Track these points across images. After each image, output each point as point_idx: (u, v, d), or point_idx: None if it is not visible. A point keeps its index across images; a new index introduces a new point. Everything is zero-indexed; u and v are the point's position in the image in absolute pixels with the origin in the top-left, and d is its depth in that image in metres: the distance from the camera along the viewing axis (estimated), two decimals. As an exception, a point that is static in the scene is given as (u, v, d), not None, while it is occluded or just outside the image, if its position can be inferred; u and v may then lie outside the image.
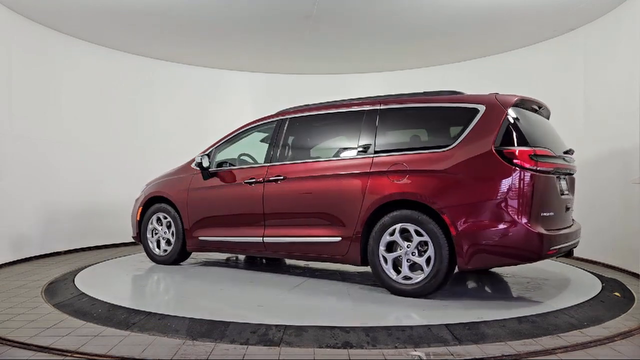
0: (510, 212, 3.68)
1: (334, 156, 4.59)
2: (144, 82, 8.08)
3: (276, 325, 3.24)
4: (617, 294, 4.30)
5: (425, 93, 4.44)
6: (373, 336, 3.08)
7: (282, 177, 4.69)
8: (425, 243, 3.91)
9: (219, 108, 8.83)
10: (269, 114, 5.28)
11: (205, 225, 5.24)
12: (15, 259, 6.05)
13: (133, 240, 7.89)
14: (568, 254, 4.33)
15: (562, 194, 4.10)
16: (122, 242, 7.76)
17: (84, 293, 4.18)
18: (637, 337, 3.20)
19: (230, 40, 7.13)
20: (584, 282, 4.72)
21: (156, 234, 5.65)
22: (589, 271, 5.30)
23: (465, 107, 4.05)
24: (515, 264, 3.86)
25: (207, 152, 5.42)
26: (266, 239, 4.78)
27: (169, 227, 5.53)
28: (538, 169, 3.74)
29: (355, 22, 6.34)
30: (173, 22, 6.40)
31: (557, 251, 3.90)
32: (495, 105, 3.96)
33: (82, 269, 5.39)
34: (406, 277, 4.00)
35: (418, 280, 3.95)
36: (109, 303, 3.81)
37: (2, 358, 2.82)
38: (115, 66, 7.68)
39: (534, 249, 3.70)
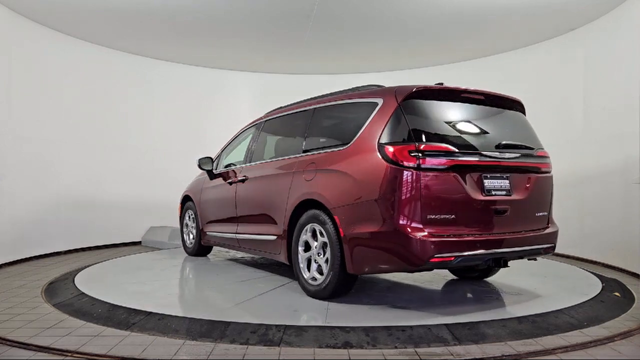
0: (388, 214, 3.38)
1: (279, 156, 4.73)
2: (144, 82, 8.08)
3: (276, 325, 3.23)
4: (617, 294, 4.30)
5: (351, 89, 4.30)
6: (373, 336, 3.08)
7: (245, 178, 5.04)
8: (327, 244, 3.81)
9: (219, 108, 8.83)
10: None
11: (209, 221, 5.79)
12: (15, 259, 6.05)
13: (133, 241, 7.95)
14: (499, 263, 3.68)
15: (488, 194, 3.58)
16: (122, 242, 7.77)
17: (84, 293, 4.18)
18: (637, 337, 3.20)
19: (230, 40, 7.14)
20: (584, 282, 4.71)
21: (187, 228, 6.41)
22: (589, 271, 5.30)
23: (368, 102, 3.86)
24: (399, 271, 3.54)
25: (218, 154, 5.89)
26: (238, 236, 5.15)
27: (194, 222, 6.23)
28: (422, 166, 3.35)
29: (355, 22, 6.34)
30: (173, 23, 6.40)
31: (453, 258, 3.36)
32: (391, 98, 3.67)
33: (82, 269, 5.39)
34: (313, 278, 3.97)
35: (319, 282, 3.89)
36: (109, 303, 3.81)
37: (2, 358, 2.82)
38: (115, 66, 7.68)
39: (411, 256, 3.31)
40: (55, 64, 6.82)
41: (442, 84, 3.95)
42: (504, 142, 3.76)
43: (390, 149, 3.43)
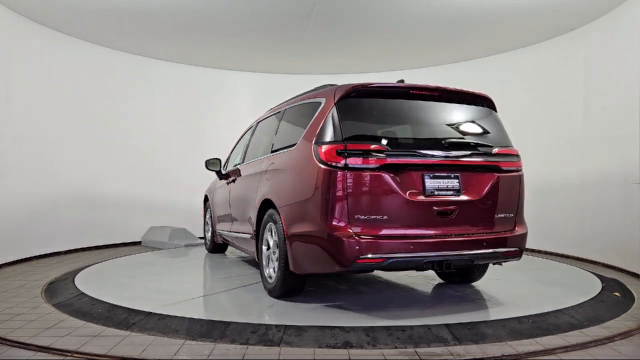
0: (319, 214, 3.37)
1: (258, 157, 4.83)
2: (145, 82, 8.08)
3: (276, 325, 3.24)
4: (617, 294, 4.30)
5: (312, 90, 4.32)
6: (373, 336, 3.08)
7: (235, 178, 5.30)
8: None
9: (219, 108, 8.84)
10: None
11: (218, 220, 6.06)
12: (15, 259, 6.05)
13: (133, 241, 7.95)
14: (443, 267, 3.47)
15: (430, 194, 3.44)
16: (122, 242, 7.76)
17: (84, 293, 4.18)
18: (637, 337, 3.20)
19: (230, 40, 7.14)
20: (584, 282, 4.71)
21: (207, 226, 6.75)
22: (589, 271, 5.30)
23: (314, 102, 3.87)
24: (333, 272, 3.46)
25: (229, 155, 6.16)
26: (231, 234, 5.37)
27: (210, 220, 6.51)
28: (350, 166, 3.30)
29: (355, 22, 6.34)
30: (173, 23, 6.40)
31: (383, 260, 3.27)
32: (330, 97, 3.64)
33: (82, 269, 5.39)
34: (269, 276, 4.05)
35: (272, 280, 3.95)
36: (109, 303, 3.81)
37: (2, 358, 2.82)
38: (115, 66, 7.68)
39: (339, 257, 3.27)
40: (55, 64, 6.82)
41: (402, 81, 3.94)
42: (450, 141, 3.59)
43: (322, 149, 3.42)
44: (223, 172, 5.90)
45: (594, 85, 6.23)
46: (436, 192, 3.47)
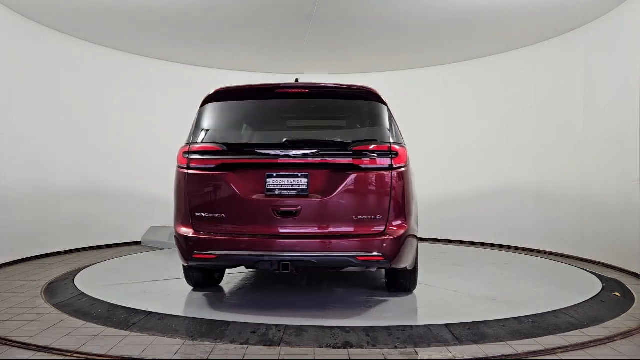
0: (174, 213, 3.67)
1: None
2: (145, 83, 8.08)
3: (276, 325, 3.24)
4: (617, 294, 4.30)
5: None
6: (373, 336, 3.08)
7: None
8: None
9: (219, 108, 8.81)
10: None
11: None
12: (15, 259, 6.05)
13: (133, 241, 7.94)
14: (286, 267, 3.36)
15: (270, 194, 3.41)
16: (122, 242, 7.76)
17: (84, 293, 4.18)
18: (637, 337, 3.20)
19: (230, 40, 7.13)
20: (584, 282, 4.72)
21: None
22: (589, 271, 5.30)
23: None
24: (186, 265, 3.85)
25: None
26: None
27: None
28: (192, 166, 3.57)
29: (355, 22, 6.34)
30: (173, 22, 6.40)
31: (214, 257, 3.40)
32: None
33: (82, 269, 5.40)
34: None
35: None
36: (109, 303, 3.82)
37: (2, 358, 2.82)
38: (116, 66, 7.67)
39: (182, 252, 3.57)
40: (56, 64, 6.82)
41: (297, 80, 3.99)
42: (297, 139, 3.54)
43: (179, 152, 3.72)
44: None
45: (594, 86, 6.22)
46: (278, 192, 3.42)
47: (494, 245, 7.60)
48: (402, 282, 4.11)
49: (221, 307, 3.81)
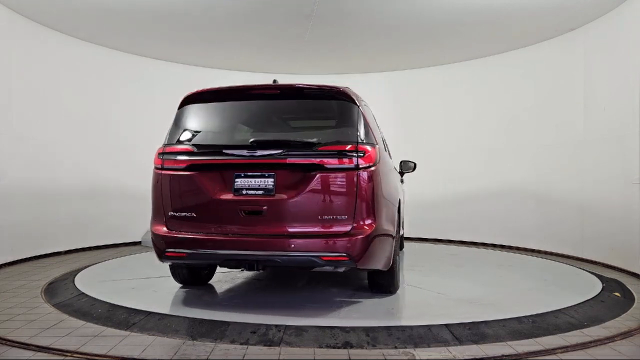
0: (151, 212, 3.76)
1: None
2: (145, 82, 8.07)
3: (276, 325, 3.24)
4: (617, 294, 4.30)
5: None
6: (373, 336, 3.08)
7: None
8: None
9: (219, 108, 8.81)
10: None
11: None
12: (15, 259, 6.05)
13: (133, 241, 7.94)
14: (252, 267, 3.52)
15: (237, 194, 3.46)
16: (122, 242, 7.76)
17: (84, 293, 4.18)
18: (637, 337, 3.20)
19: (230, 40, 7.13)
20: (584, 282, 4.72)
21: None
22: (589, 271, 5.30)
23: None
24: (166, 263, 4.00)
25: None
26: None
27: None
28: (165, 167, 3.67)
29: (355, 22, 6.34)
30: (173, 22, 6.40)
31: (185, 255, 3.53)
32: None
33: (82, 269, 5.40)
34: None
35: None
36: (109, 303, 3.82)
37: (2, 358, 2.82)
38: (116, 66, 7.67)
39: (156, 249, 3.69)
40: (56, 64, 6.82)
41: (276, 81, 3.99)
42: (263, 140, 3.60)
43: (156, 152, 3.81)
44: None
45: (594, 86, 6.23)
46: (245, 192, 3.47)
47: (494, 245, 7.60)
48: (382, 282, 4.09)
49: (221, 307, 3.81)
